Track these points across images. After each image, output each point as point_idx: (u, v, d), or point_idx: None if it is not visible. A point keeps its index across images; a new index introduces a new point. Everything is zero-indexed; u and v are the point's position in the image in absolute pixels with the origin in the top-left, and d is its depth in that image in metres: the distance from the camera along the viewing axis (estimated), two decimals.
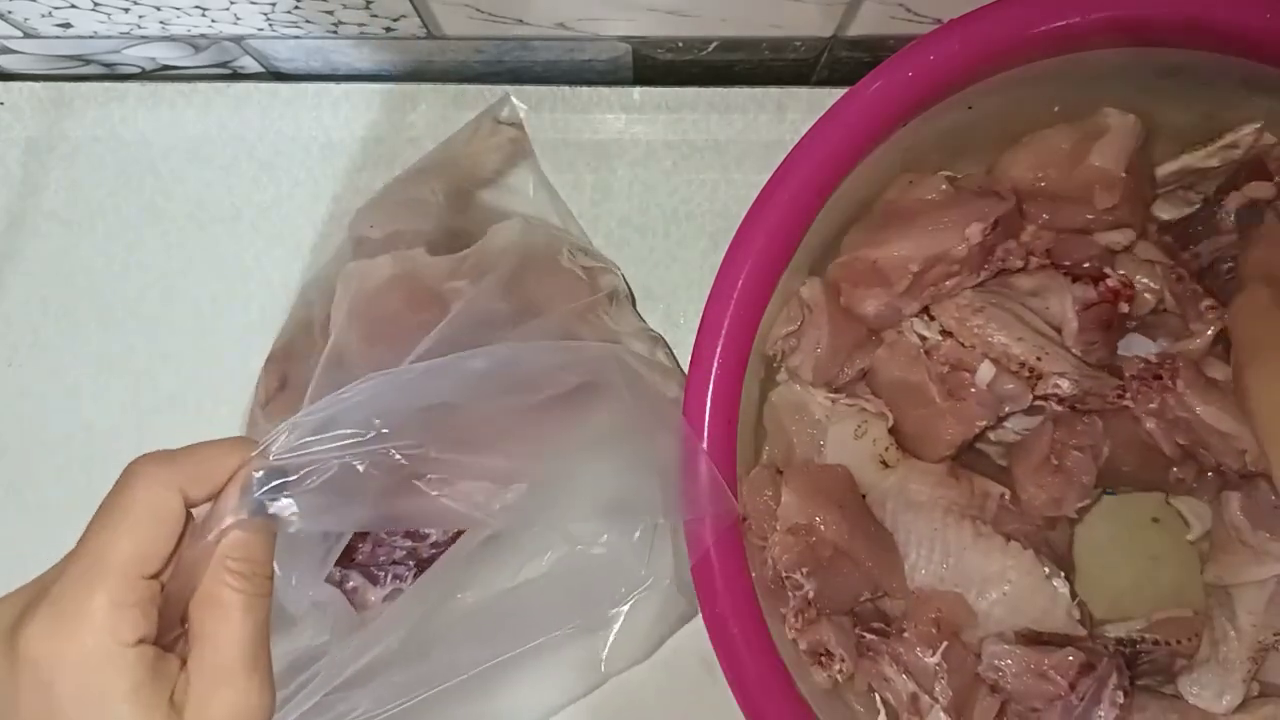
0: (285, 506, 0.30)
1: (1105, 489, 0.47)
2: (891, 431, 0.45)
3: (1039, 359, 0.43)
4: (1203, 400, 0.42)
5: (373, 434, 0.32)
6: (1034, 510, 0.44)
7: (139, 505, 0.29)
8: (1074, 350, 0.43)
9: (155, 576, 0.29)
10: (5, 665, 0.28)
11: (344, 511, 0.32)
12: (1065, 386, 0.42)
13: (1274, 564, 0.42)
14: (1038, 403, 0.44)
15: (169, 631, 0.30)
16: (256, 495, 0.30)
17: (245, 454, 0.31)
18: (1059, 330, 0.44)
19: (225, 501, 0.30)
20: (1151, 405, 0.43)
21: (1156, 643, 0.45)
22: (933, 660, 0.42)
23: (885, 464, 0.45)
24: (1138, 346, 0.44)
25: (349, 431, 0.31)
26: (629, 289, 0.50)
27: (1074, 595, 0.43)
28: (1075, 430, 0.44)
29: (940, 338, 0.44)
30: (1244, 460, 0.42)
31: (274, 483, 0.30)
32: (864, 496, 0.44)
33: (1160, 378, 0.43)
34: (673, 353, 0.49)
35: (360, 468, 0.31)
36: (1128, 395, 0.43)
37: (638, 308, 0.51)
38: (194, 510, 0.31)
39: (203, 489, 0.30)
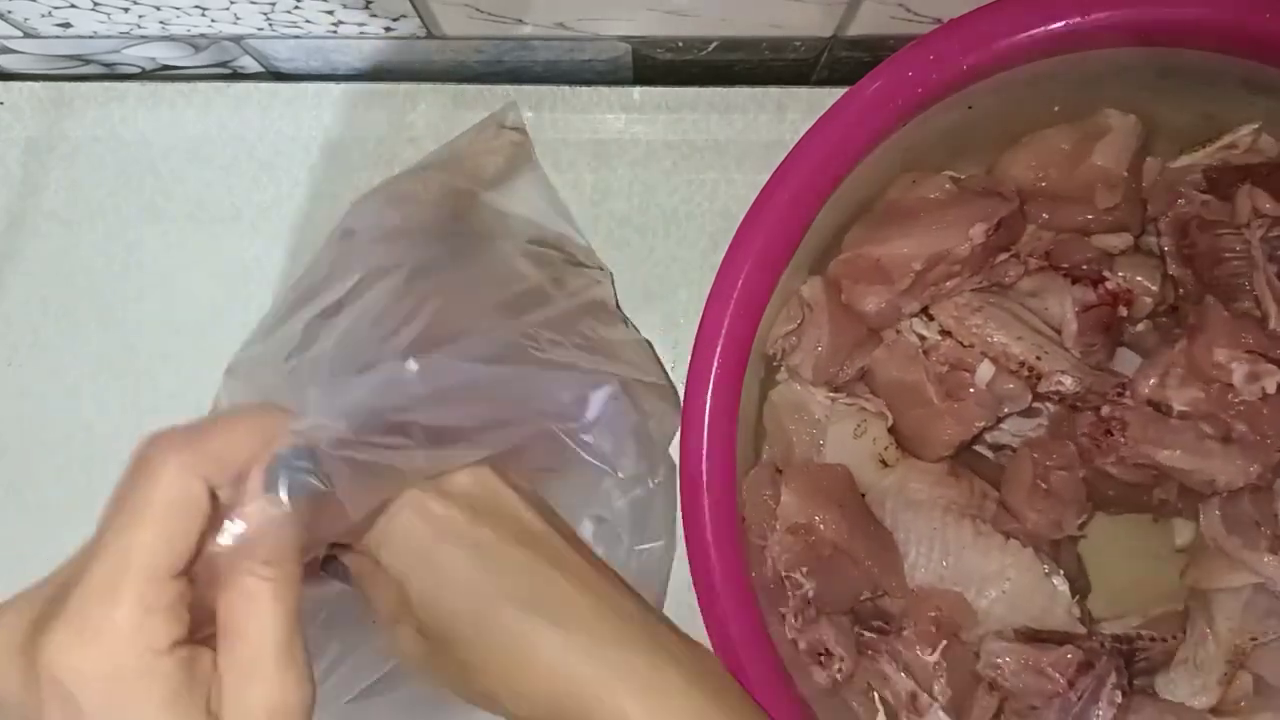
0: (312, 485, 0.28)
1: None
2: (891, 431, 0.45)
3: (1039, 358, 0.43)
4: (1157, 445, 0.42)
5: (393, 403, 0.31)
6: (1039, 534, 0.44)
7: (162, 498, 0.27)
8: (1074, 351, 0.43)
9: (184, 572, 0.27)
10: (24, 679, 0.26)
11: (371, 483, 0.31)
12: (1068, 383, 0.42)
13: (1247, 572, 0.42)
14: (1036, 404, 0.44)
15: (201, 627, 0.28)
16: (286, 476, 0.28)
17: (268, 428, 0.29)
18: (1058, 332, 0.44)
19: (252, 484, 0.28)
20: (1109, 459, 0.43)
21: (1153, 639, 0.45)
22: (932, 658, 0.42)
23: (885, 463, 0.45)
24: (1128, 364, 0.45)
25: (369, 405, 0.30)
26: (615, 297, 0.50)
27: (1074, 593, 0.43)
28: (1051, 452, 0.44)
29: (939, 337, 0.44)
30: (1213, 487, 0.42)
31: (301, 461, 0.28)
32: (864, 496, 0.44)
33: (1111, 433, 0.43)
34: (659, 360, 0.49)
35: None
36: (1126, 394, 0.43)
37: (639, 309, 0.51)
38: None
39: (226, 471, 0.28)
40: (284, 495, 0.28)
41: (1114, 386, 0.43)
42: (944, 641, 0.42)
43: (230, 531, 0.28)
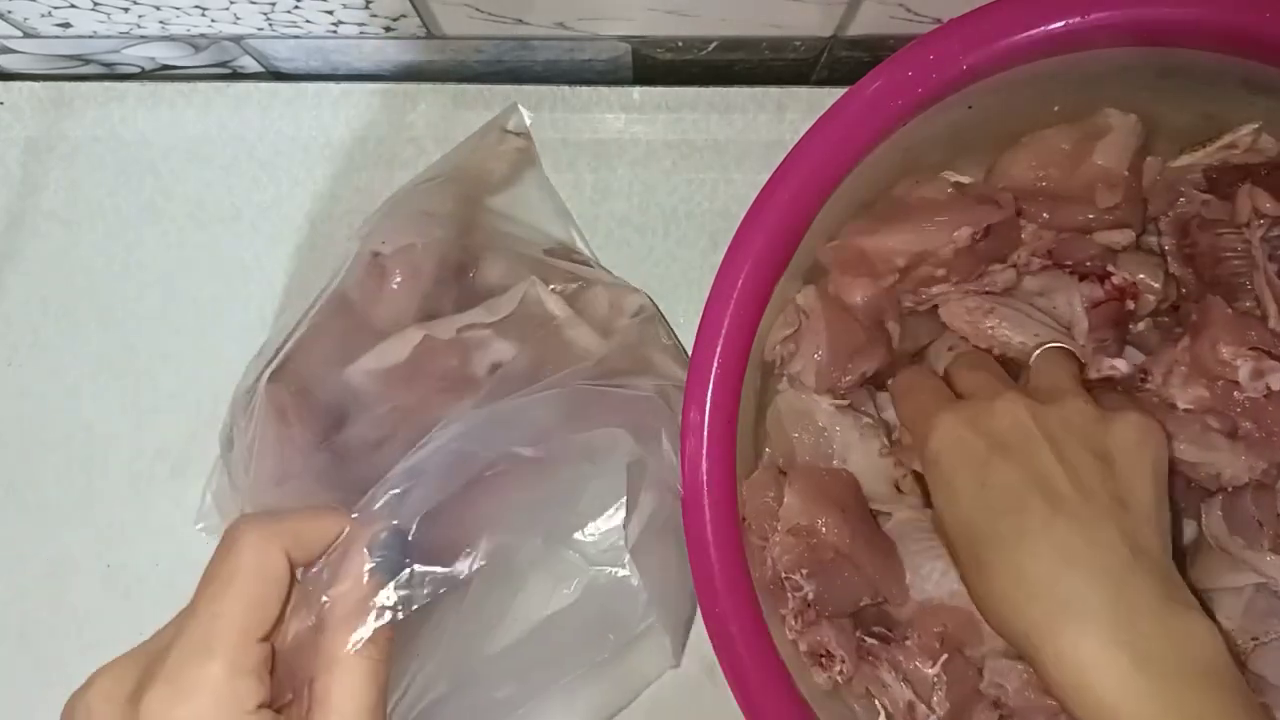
0: (406, 570, 0.31)
1: None
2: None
3: None
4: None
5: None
6: None
7: (248, 568, 0.30)
8: (1088, 347, 0.43)
9: (266, 639, 0.30)
10: None
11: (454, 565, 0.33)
12: (1122, 366, 0.42)
13: (1249, 572, 0.42)
14: None
15: (281, 696, 0.30)
16: (387, 560, 0.31)
17: (343, 521, 0.32)
18: (1068, 329, 0.43)
19: (351, 564, 0.31)
20: None
21: None
22: (932, 671, 0.42)
23: (900, 490, 0.45)
24: (1131, 360, 0.44)
25: (438, 480, 0.33)
26: (655, 306, 0.50)
27: None
28: None
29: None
30: (1218, 482, 0.42)
31: (396, 546, 0.31)
32: (870, 505, 0.44)
33: None
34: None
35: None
36: (1149, 381, 0.43)
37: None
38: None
39: (303, 553, 0.31)
40: (387, 579, 0.31)
41: (1139, 375, 0.43)
42: (945, 655, 0.42)
43: (332, 607, 0.30)
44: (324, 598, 0.30)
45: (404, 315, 0.45)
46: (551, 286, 0.46)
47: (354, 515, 0.32)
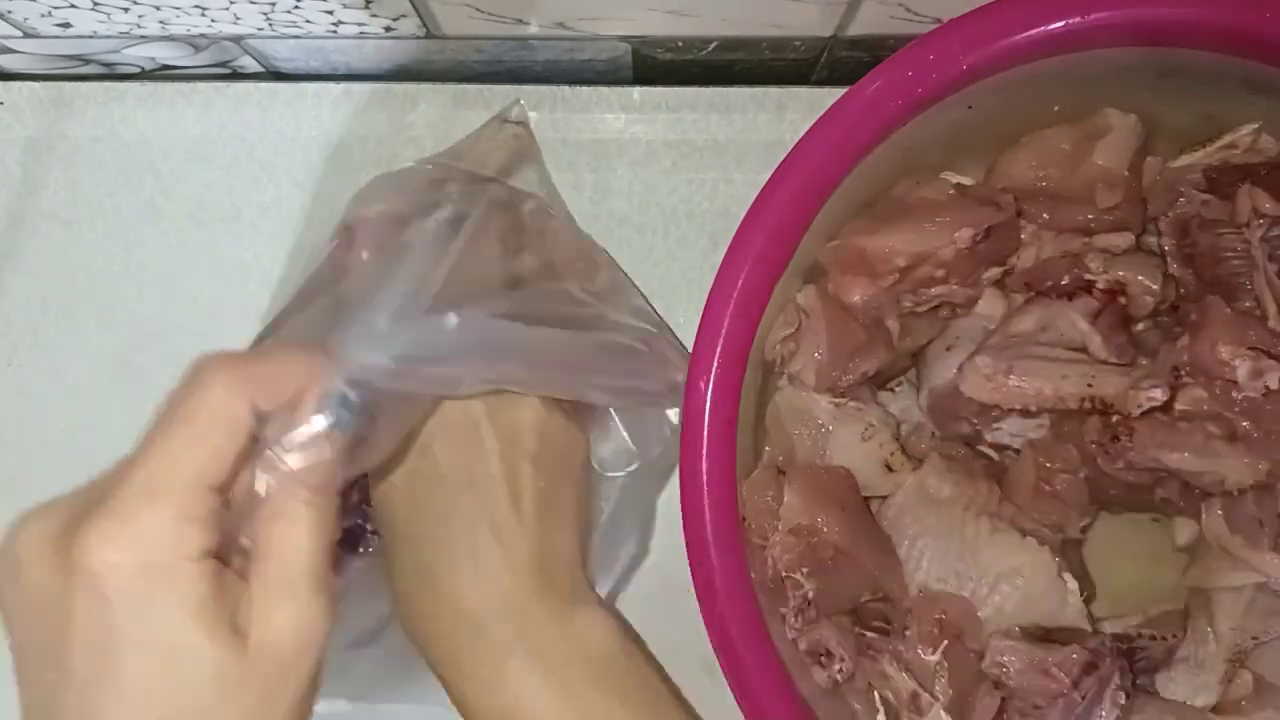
0: (361, 422, 0.30)
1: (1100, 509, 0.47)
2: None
3: (1090, 384, 0.42)
4: (1166, 448, 0.41)
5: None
6: (1041, 535, 0.43)
7: (209, 413, 0.28)
8: (1111, 359, 0.43)
9: (217, 490, 0.28)
10: (58, 574, 0.27)
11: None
12: (1159, 394, 0.41)
13: (1249, 571, 0.42)
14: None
15: (230, 547, 0.29)
16: (338, 410, 0.29)
17: (315, 367, 0.30)
18: (1084, 350, 0.43)
19: (303, 415, 0.29)
20: (1119, 465, 0.43)
21: (1154, 637, 0.45)
22: (933, 658, 0.42)
23: (890, 469, 0.45)
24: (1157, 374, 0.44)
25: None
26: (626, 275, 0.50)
27: (1082, 592, 0.43)
28: (1055, 454, 0.44)
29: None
30: (1223, 487, 0.42)
31: (352, 398, 0.30)
32: (866, 499, 0.44)
33: (1119, 439, 0.42)
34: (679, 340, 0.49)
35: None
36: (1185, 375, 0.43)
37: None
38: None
39: (271, 399, 0.29)
40: (335, 428, 0.29)
41: (1170, 374, 0.42)
42: (945, 642, 0.42)
43: (280, 456, 0.29)
44: (275, 449, 0.29)
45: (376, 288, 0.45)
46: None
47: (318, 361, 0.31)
